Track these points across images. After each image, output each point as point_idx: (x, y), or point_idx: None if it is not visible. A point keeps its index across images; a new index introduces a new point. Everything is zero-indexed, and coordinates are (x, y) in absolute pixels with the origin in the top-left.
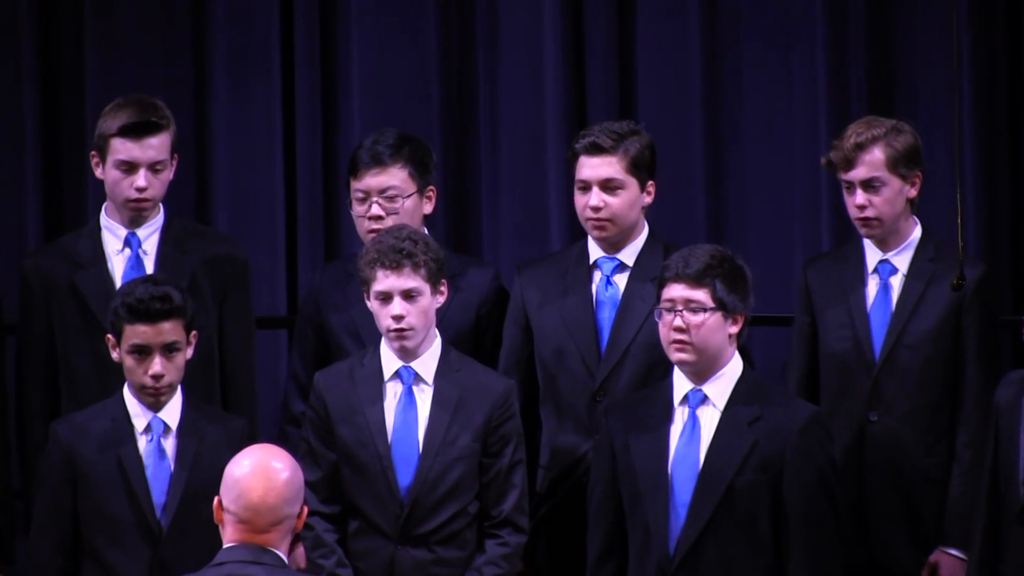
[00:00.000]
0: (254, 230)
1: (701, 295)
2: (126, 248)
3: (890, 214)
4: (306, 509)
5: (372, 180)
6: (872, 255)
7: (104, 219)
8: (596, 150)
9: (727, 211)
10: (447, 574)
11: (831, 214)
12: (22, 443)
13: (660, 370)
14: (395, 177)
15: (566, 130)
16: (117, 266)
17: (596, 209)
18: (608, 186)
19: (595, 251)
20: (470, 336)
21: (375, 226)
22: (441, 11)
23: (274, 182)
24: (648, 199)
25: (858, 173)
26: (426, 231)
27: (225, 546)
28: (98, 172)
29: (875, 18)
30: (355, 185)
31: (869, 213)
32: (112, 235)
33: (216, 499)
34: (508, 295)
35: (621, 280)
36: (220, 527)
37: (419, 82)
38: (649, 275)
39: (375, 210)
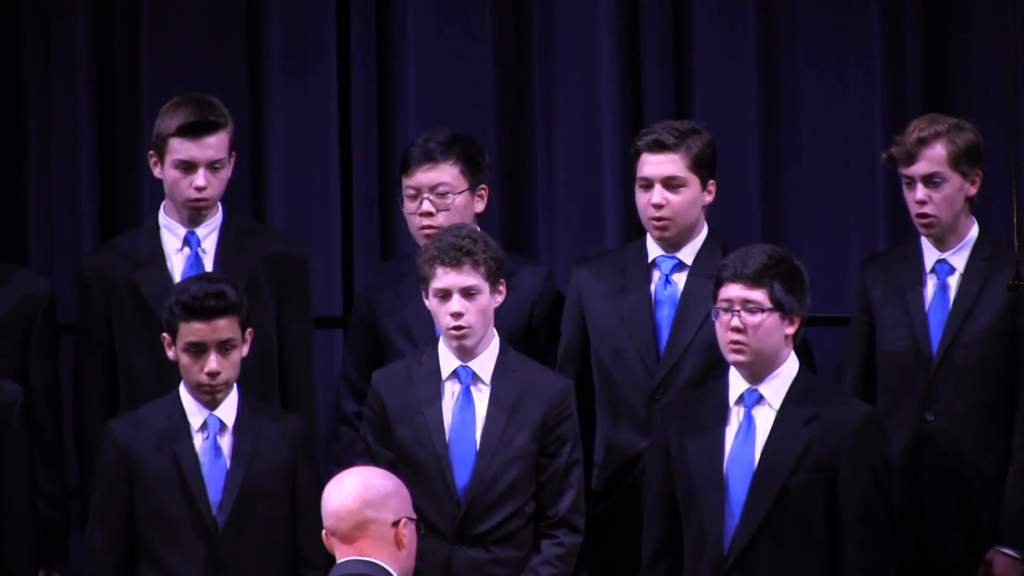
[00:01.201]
0: (310, 229)
1: (759, 295)
2: (185, 247)
3: (949, 211)
4: (403, 521)
5: (423, 176)
6: (930, 254)
7: (163, 218)
8: (659, 147)
9: (783, 211)
10: (503, 574)
11: (887, 214)
12: (80, 443)
13: (718, 370)
14: (446, 174)
15: (622, 131)
16: (176, 265)
17: (658, 207)
18: (670, 184)
19: (654, 250)
20: (523, 335)
21: (426, 222)
22: (497, 10)
23: (330, 181)
24: (709, 198)
25: (919, 168)
26: (479, 229)
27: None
28: (156, 171)
29: (931, 17)
30: (406, 182)
31: (928, 210)
32: (171, 234)
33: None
34: (561, 295)
35: (680, 279)
36: None
37: (475, 81)
38: (708, 274)
39: (426, 206)
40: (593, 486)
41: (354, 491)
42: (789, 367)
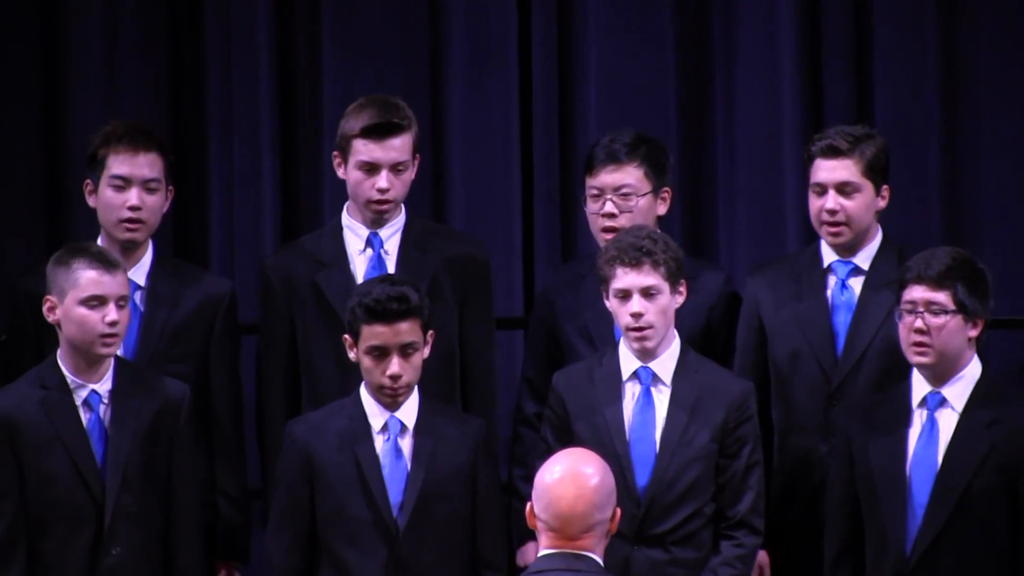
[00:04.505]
0: (491, 230)
1: (942, 297)
2: (368, 248)
3: None
4: (619, 512)
5: (607, 177)
6: None
7: (346, 219)
8: (833, 152)
9: (963, 215)
10: (682, 575)
11: None
12: (261, 443)
13: (896, 375)
14: (630, 175)
15: (803, 134)
16: (359, 266)
17: (832, 212)
18: (844, 189)
19: (828, 255)
20: (701, 340)
21: (608, 224)
22: (678, 11)
23: (511, 182)
24: (882, 203)
25: None
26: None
27: (540, 554)
28: (340, 172)
29: None
30: (590, 182)
31: None
32: (354, 235)
33: (528, 505)
34: (740, 299)
35: (856, 284)
36: (537, 533)
37: (656, 84)
38: (884, 280)
39: (608, 208)
40: (773, 491)
41: (586, 495)
42: (972, 370)
